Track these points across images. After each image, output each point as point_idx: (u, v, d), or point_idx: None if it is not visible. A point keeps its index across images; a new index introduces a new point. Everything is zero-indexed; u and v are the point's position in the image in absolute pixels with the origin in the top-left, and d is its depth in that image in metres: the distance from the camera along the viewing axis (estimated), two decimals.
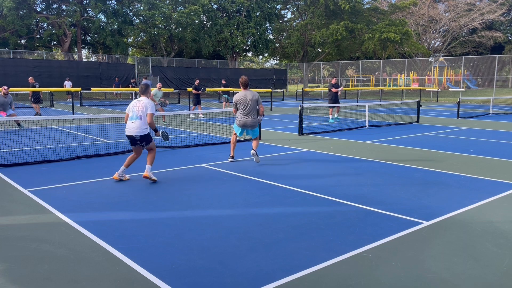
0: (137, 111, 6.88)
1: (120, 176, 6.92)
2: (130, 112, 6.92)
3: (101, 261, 3.96)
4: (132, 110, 6.91)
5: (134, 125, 6.82)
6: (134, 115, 6.86)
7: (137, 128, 6.81)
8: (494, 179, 7.19)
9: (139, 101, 6.95)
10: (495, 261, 3.99)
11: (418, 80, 42.01)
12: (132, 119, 6.86)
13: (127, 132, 6.89)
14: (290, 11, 52.86)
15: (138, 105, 6.92)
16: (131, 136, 6.88)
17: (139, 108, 6.89)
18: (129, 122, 6.89)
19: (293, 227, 4.85)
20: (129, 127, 6.88)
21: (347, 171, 7.85)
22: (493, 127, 15.14)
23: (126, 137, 6.95)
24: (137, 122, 6.82)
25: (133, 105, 6.95)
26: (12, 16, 33.83)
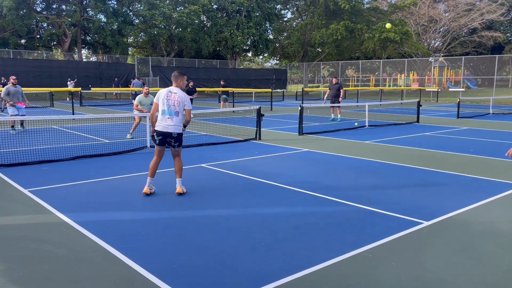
0: (172, 105, 5.94)
1: (150, 189, 6.10)
2: (163, 105, 5.96)
3: (101, 261, 3.96)
4: (166, 103, 5.95)
5: (171, 121, 5.93)
6: (169, 109, 5.93)
7: (174, 125, 5.95)
8: (494, 179, 7.19)
9: (173, 93, 5.99)
10: (495, 261, 3.99)
11: (418, 80, 42.02)
12: (166, 113, 5.93)
13: (161, 128, 5.94)
14: (290, 11, 52.86)
15: (173, 98, 5.95)
16: (167, 133, 5.94)
17: (175, 102, 5.95)
18: (162, 116, 5.95)
19: (293, 227, 4.85)
20: (163, 123, 5.94)
21: (347, 171, 7.85)
22: (493, 127, 15.14)
23: (157, 133, 5.99)
24: (175, 118, 5.95)
25: (165, 96, 5.98)
26: (12, 16, 33.83)
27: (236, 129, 14.17)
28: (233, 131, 13.60)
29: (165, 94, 6.00)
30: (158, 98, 6.03)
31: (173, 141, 6.04)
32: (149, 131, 10.21)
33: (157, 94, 6.04)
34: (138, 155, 9.34)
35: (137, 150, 9.74)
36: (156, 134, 5.98)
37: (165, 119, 5.94)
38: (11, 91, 12.36)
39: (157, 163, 6.12)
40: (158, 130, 5.97)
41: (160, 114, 5.97)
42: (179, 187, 6.11)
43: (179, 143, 6.12)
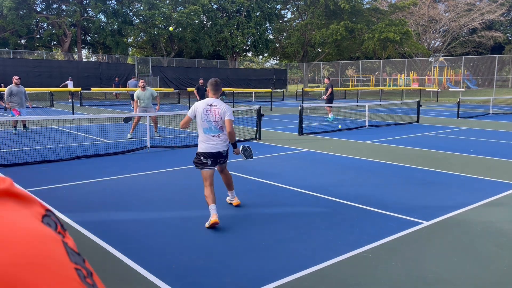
0: (214, 121, 5.03)
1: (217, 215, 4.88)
2: (202, 122, 5.05)
3: (101, 261, 3.96)
4: (206, 119, 5.04)
5: (218, 139, 5.06)
6: (211, 126, 5.03)
7: (223, 142, 5.09)
8: (494, 179, 7.19)
9: (213, 106, 5.08)
10: (495, 261, 3.99)
11: (418, 80, 42.00)
12: (209, 131, 5.03)
13: (210, 148, 5.02)
14: (290, 11, 52.86)
15: (214, 111, 5.05)
16: (217, 153, 5.05)
17: (216, 117, 5.03)
18: (205, 136, 5.05)
19: (293, 227, 4.85)
20: (209, 142, 5.03)
21: (347, 171, 7.84)
22: (493, 127, 15.14)
23: (204, 156, 5.02)
24: (222, 136, 5.08)
25: (204, 111, 5.05)
26: (12, 16, 33.83)
27: (236, 129, 14.14)
28: None
29: (203, 109, 5.05)
30: (194, 113, 5.13)
31: (224, 159, 5.22)
32: (149, 131, 10.21)
33: (192, 107, 5.17)
34: (138, 155, 9.34)
35: (137, 150, 9.74)
36: (204, 156, 5.01)
37: (210, 139, 5.05)
38: (13, 91, 12.16)
39: (212, 190, 5.04)
40: (205, 152, 5.01)
41: (201, 133, 5.08)
42: (236, 199, 5.57)
43: (228, 158, 5.35)
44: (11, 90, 12.16)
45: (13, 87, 12.24)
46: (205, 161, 5.02)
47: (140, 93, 11.80)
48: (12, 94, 12.14)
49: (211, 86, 5.21)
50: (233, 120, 5.13)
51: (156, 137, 11.91)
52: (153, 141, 10.90)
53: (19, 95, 12.27)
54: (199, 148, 5.10)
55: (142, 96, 11.80)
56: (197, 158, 5.10)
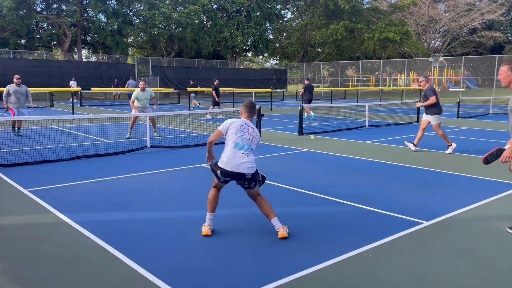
0: (249, 140, 4.67)
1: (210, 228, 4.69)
2: (237, 136, 4.64)
3: (101, 261, 3.96)
4: (241, 135, 4.66)
5: (246, 158, 4.59)
6: (245, 143, 4.63)
7: (250, 164, 4.59)
8: (494, 179, 7.19)
9: (249, 126, 4.77)
10: (495, 261, 3.99)
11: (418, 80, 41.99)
12: (240, 147, 4.60)
13: (230, 167, 4.53)
14: (290, 11, 52.89)
15: (250, 131, 4.73)
16: (237, 174, 4.54)
17: (251, 137, 4.71)
18: (233, 151, 4.57)
19: (293, 227, 4.84)
20: (234, 160, 4.54)
21: (347, 171, 7.84)
22: (493, 127, 15.14)
23: (222, 173, 4.58)
24: (251, 155, 4.67)
25: (241, 127, 4.71)
26: (12, 16, 33.83)
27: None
28: None
29: (240, 125, 4.71)
30: (228, 127, 4.71)
31: (247, 183, 4.62)
32: (149, 131, 10.21)
33: (225, 123, 4.76)
34: (138, 155, 9.34)
35: (137, 150, 9.74)
36: (221, 173, 4.59)
37: (238, 155, 4.55)
38: (10, 91, 11.91)
39: (217, 195, 4.79)
40: (224, 170, 4.55)
41: (230, 148, 4.60)
42: (282, 228, 4.56)
43: (255, 183, 4.67)
44: (9, 90, 11.96)
45: (11, 86, 12.01)
46: (219, 177, 4.63)
47: (139, 94, 11.87)
48: (9, 94, 11.92)
49: (246, 108, 4.91)
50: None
51: (156, 137, 11.91)
52: (153, 141, 10.90)
53: (16, 95, 11.95)
54: (220, 162, 4.63)
55: (141, 96, 11.88)
56: (214, 169, 4.66)
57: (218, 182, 4.72)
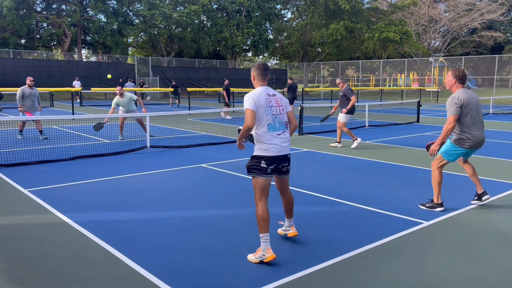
0: (279, 114, 4.00)
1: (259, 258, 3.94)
2: (266, 115, 3.92)
3: (101, 261, 3.96)
4: (270, 112, 3.95)
5: (284, 138, 4.00)
6: (275, 121, 3.96)
7: (288, 141, 4.05)
8: (494, 179, 7.19)
9: (272, 95, 4.04)
10: (495, 261, 3.99)
11: (418, 80, 42.00)
12: (275, 128, 3.95)
13: (275, 151, 3.94)
14: (290, 11, 52.90)
15: (275, 101, 4.02)
16: (283, 156, 4.01)
17: (280, 108, 4.04)
18: (268, 135, 3.93)
19: None
20: (274, 142, 3.94)
21: (347, 171, 7.84)
22: (493, 127, 15.14)
23: (267, 160, 3.94)
24: (287, 134, 4.04)
25: (266, 101, 3.95)
26: (12, 16, 33.83)
27: (236, 129, 14.17)
28: (233, 131, 13.60)
29: (265, 99, 3.95)
30: (254, 103, 3.90)
31: (287, 164, 4.10)
32: (149, 131, 10.20)
33: (249, 98, 3.92)
34: (138, 155, 9.34)
35: (137, 150, 9.74)
36: (266, 162, 3.92)
37: (274, 138, 3.94)
38: (26, 93, 11.26)
39: (267, 208, 4.02)
40: (269, 156, 3.92)
41: (263, 131, 3.93)
42: (293, 228, 4.41)
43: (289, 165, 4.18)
44: (23, 92, 11.26)
45: (25, 88, 11.33)
46: (265, 167, 3.93)
47: (119, 100, 11.52)
48: (24, 97, 11.25)
49: (260, 71, 4.08)
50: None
51: (156, 137, 11.90)
52: (153, 141, 10.91)
53: (31, 98, 11.36)
54: (257, 151, 3.97)
55: (120, 102, 11.55)
56: (255, 162, 3.97)
57: (264, 177, 3.95)
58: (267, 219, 3.95)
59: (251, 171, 4.02)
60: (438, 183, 5.47)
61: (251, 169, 4.01)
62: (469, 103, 5.23)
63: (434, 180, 5.50)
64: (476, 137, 5.33)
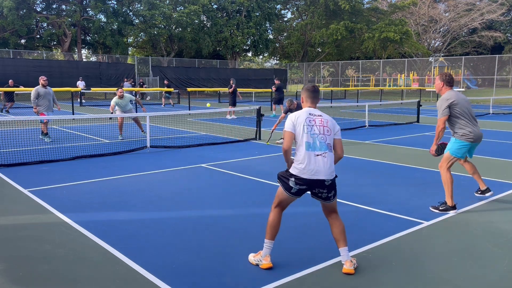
0: (321, 134, 3.76)
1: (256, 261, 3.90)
2: (306, 133, 3.74)
3: (101, 261, 3.96)
4: (310, 130, 3.75)
5: (325, 160, 3.71)
6: (316, 140, 3.73)
7: (330, 166, 3.73)
8: (494, 179, 7.19)
9: (317, 115, 3.85)
10: (495, 261, 3.99)
11: (418, 80, 42.00)
12: (317, 148, 3.71)
13: (308, 174, 3.68)
14: (290, 11, 52.88)
15: (320, 121, 3.81)
16: (319, 181, 3.70)
17: (325, 129, 3.79)
18: (305, 154, 3.70)
19: (293, 227, 4.85)
20: (316, 164, 3.68)
21: (347, 171, 7.84)
22: (493, 127, 15.14)
23: (298, 181, 3.72)
24: (330, 156, 3.74)
25: (307, 121, 3.78)
26: (12, 16, 33.82)
27: (236, 129, 14.17)
28: (233, 131, 13.60)
29: (305, 118, 3.78)
30: (292, 124, 3.79)
31: (327, 192, 3.77)
32: (149, 131, 10.20)
33: (289, 120, 3.83)
34: (138, 155, 9.34)
35: (137, 150, 9.74)
36: (296, 182, 3.72)
37: (313, 159, 3.68)
38: (41, 93, 10.95)
39: (280, 217, 3.90)
40: (301, 177, 3.70)
41: (302, 150, 3.73)
42: (349, 263, 3.75)
43: (334, 192, 3.84)
44: (38, 92, 10.94)
45: (40, 88, 11.03)
46: (292, 186, 3.74)
47: (118, 101, 11.61)
48: (39, 97, 10.94)
49: (308, 93, 3.95)
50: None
51: (155, 137, 11.90)
52: (153, 141, 10.91)
53: (47, 97, 11.05)
54: (293, 169, 3.76)
55: (120, 103, 11.64)
56: (285, 176, 3.82)
57: (287, 194, 3.79)
58: (275, 227, 3.87)
59: (280, 180, 3.88)
60: (451, 183, 5.45)
61: (280, 179, 3.88)
62: (458, 101, 5.46)
63: (446, 181, 5.47)
64: (475, 132, 5.54)
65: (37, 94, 10.96)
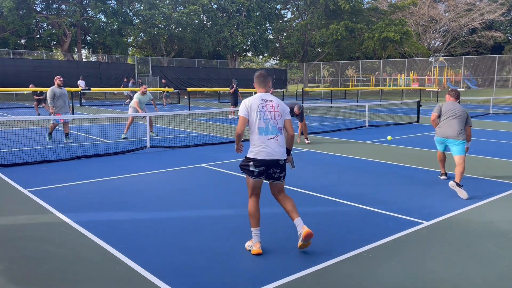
0: (272, 118, 4.16)
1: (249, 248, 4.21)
2: (258, 120, 4.12)
3: (101, 261, 3.96)
4: (262, 116, 4.14)
5: (275, 143, 4.11)
6: (269, 125, 4.13)
7: (281, 147, 4.15)
8: (494, 179, 7.19)
9: (268, 101, 4.22)
10: (495, 261, 3.99)
11: (418, 80, 42.00)
12: (266, 132, 4.11)
13: (264, 155, 4.08)
14: (290, 11, 52.87)
15: (271, 107, 4.19)
16: (274, 161, 4.11)
17: (276, 113, 4.18)
18: (259, 138, 4.11)
19: (293, 227, 4.84)
20: (268, 144, 4.09)
21: (347, 171, 7.84)
22: (493, 127, 15.14)
23: (255, 163, 4.11)
24: (280, 138, 4.17)
25: (259, 107, 4.15)
26: (12, 16, 33.82)
27: (235, 129, 14.16)
28: (233, 131, 13.60)
29: (258, 104, 4.15)
30: (247, 111, 4.16)
31: (279, 171, 4.19)
32: (149, 131, 10.21)
33: (242, 105, 4.21)
34: (138, 155, 9.34)
35: (137, 150, 9.74)
36: (255, 164, 4.10)
37: (267, 141, 4.08)
38: (56, 94, 10.75)
39: (257, 205, 4.22)
40: (258, 159, 4.08)
41: (255, 134, 4.13)
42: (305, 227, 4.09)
43: (285, 173, 4.27)
44: (54, 92, 10.74)
45: (55, 88, 10.83)
46: (253, 170, 4.12)
47: (140, 97, 12.04)
48: (55, 97, 10.75)
49: (257, 79, 4.33)
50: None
51: (155, 137, 11.91)
52: (153, 141, 10.91)
53: (62, 98, 10.89)
54: (249, 153, 4.17)
55: (141, 99, 12.07)
56: (245, 163, 4.19)
57: (253, 179, 4.15)
58: (255, 215, 4.18)
59: (242, 169, 4.27)
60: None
61: (242, 168, 4.27)
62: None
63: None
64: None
65: (53, 94, 10.80)
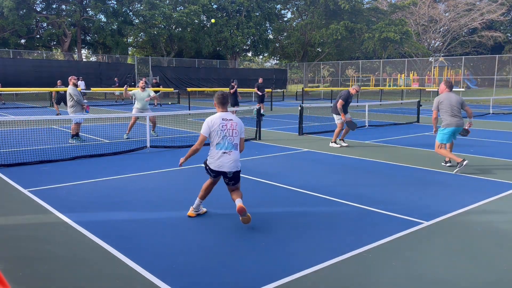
0: (230, 136, 4.89)
1: (196, 211, 5.23)
2: (218, 137, 4.88)
3: (101, 261, 3.96)
4: (221, 134, 4.87)
5: (230, 157, 4.87)
6: (226, 142, 4.87)
7: (233, 162, 4.88)
8: (494, 179, 7.19)
9: (228, 120, 4.92)
10: (495, 261, 3.99)
11: (418, 80, 41.99)
12: (224, 147, 4.87)
13: (218, 167, 4.89)
14: (290, 11, 52.84)
15: (230, 126, 4.91)
16: (222, 172, 4.91)
17: (233, 132, 4.91)
18: (215, 152, 4.91)
19: (293, 227, 4.85)
20: (222, 160, 4.86)
21: (347, 171, 7.84)
22: (493, 127, 15.14)
23: (211, 171, 5.00)
24: (234, 153, 4.91)
25: (220, 127, 4.88)
26: (12, 16, 33.81)
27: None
28: None
29: (219, 124, 4.86)
30: (208, 129, 4.91)
31: (228, 180, 4.96)
32: (149, 131, 10.20)
33: (205, 124, 4.92)
34: (138, 155, 9.34)
35: (137, 150, 9.74)
36: (210, 170, 5.03)
37: (219, 155, 4.87)
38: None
39: (211, 186, 5.17)
40: (211, 169, 4.99)
41: (213, 148, 4.94)
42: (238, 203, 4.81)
43: (236, 180, 5.00)
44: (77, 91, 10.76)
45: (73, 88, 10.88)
46: (210, 173, 5.09)
47: (137, 93, 11.80)
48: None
49: (218, 100, 4.97)
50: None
51: (155, 137, 11.90)
52: (153, 141, 10.90)
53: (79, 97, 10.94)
54: (208, 161, 5.05)
55: (139, 96, 11.76)
56: (205, 165, 5.15)
57: (210, 178, 5.13)
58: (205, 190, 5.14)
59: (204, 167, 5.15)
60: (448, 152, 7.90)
61: (205, 167, 5.15)
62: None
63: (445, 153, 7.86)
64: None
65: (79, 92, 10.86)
